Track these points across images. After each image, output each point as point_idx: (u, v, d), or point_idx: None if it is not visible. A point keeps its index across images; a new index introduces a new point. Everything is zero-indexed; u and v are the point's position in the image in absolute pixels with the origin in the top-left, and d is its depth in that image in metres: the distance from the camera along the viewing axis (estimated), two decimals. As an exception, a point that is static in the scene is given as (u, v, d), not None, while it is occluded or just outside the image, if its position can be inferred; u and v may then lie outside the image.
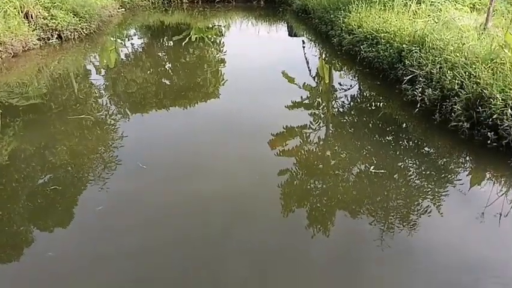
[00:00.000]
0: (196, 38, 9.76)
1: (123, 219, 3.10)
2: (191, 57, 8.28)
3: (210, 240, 2.86)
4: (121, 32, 10.56)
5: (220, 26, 11.60)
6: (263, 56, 8.26)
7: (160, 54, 8.70)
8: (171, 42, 9.67)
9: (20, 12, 7.72)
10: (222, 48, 9.05)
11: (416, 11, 6.96)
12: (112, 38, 9.63)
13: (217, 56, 8.42)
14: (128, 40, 9.78)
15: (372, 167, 3.63)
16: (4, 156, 4.03)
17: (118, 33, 10.34)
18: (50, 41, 8.20)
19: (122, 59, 8.10)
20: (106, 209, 3.19)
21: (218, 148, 4.27)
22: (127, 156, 4.02)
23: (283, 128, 4.64)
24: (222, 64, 7.78)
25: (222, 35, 10.55)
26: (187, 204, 3.27)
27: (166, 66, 7.75)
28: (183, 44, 9.13)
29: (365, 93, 5.92)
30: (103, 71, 7.38)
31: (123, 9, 12.36)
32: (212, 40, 9.73)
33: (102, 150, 4.19)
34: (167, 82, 6.75)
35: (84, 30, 8.84)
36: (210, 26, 11.48)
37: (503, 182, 3.50)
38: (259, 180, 3.64)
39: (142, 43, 9.60)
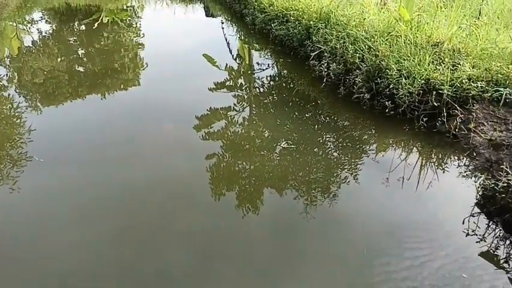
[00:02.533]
0: (108, 20, 8.91)
1: (41, 215, 2.78)
2: (106, 41, 7.56)
3: (142, 230, 2.71)
4: (22, 16, 9.25)
5: (133, 7, 10.73)
6: (182, 38, 7.82)
7: (70, 39, 7.80)
8: (82, 26, 8.73)
9: None
10: (138, 31, 8.40)
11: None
12: (11, 24, 8.40)
13: (135, 39, 7.80)
14: (32, 25, 8.61)
15: (285, 143, 3.65)
16: None
17: (18, 18, 9.04)
18: None
19: (26, 46, 7.11)
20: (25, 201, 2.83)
21: (141, 135, 3.98)
22: (38, 151, 3.56)
23: (208, 110, 4.47)
24: (140, 48, 7.22)
25: (137, 16, 9.79)
26: (113, 196, 3.04)
27: (78, 53, 6.98)
28: (94, 27, 8.28)
29: (280, 72, 5.90)
30: (4, 61, 6.43)
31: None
32: (127, 23, 8.97)
33: (7, 147, 3.68)
34: (81, 69, 6.11)
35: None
36: (122, 7, 10.55)
37: (402, 147, 3.73)
38: (186, 166, 3.46)
39: (48, 28, 8.50)
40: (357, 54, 4.49)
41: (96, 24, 8.38)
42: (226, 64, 6.14)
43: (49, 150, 3.65)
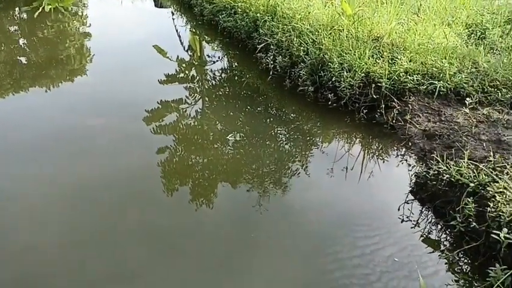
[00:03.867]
0: (51, 8, 8.00)
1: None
2: (49, 31, 6.80)
3: (94, 227, 2.50)
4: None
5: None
6: (131, 29, 7.21)
7: (9, 28, 6.94)
8: (23, 14, 7.77)
9: None
10: (84, 21, 7.64)
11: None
12: None
13: (80, 29, 7.09)
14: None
15: (230, 136, 3.49)
16: None
17: None
18: None
19: (-41, 36, 6.21)
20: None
21: (88, 129, 3.62)
22: None
23: (158, 103, 4.16)
24: (86, 38, 6.57)
25: (83, 5, 8.90)
26: (58, 193, 2.77)
27: (19, 42, 6.23)
28: (36, 15, 7.40)
29: (230, 64, 5.66)
30: None
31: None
32: (72, 12, 8.13)
33: None
34: (23, 60, 5.46)
35: None
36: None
37: (344, 138, 3.72)
38: (136, 161, 3.21)
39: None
40: (302, 48, 4.39)
41: (37, 13, 7.49)
42: (178, 56, 5.78)
43: None
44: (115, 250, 2.35)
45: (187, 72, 5.41)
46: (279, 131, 3.83)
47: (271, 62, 4.60)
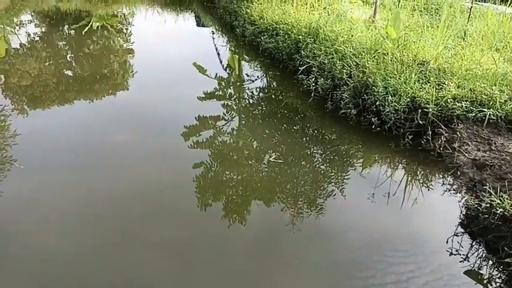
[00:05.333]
0: (98, 26, 8.79)
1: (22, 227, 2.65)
2: (95, 46, 7.44)
3: (126, 239, 2.62)
4: (10, 18, 9.03)
5: (124, 13, 10.63)
6: (173, 46, 7.77)
7: (59, 43, 7.66)
8: (72, 31, 8.58)
9: None
10: (128, 38, 8.30)
11: (313, 4, 7.10)
12: (-2, 26, 8.19)
13: (125, 45, 7.70)
14: (20, 28, 8.41)
15: (272, 157, 3.60)
16: None
17: (6, 19, 8.82)
18: None
19: (14, 48, 6.93)
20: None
21: (129, 143, 3.89)
22: (22, 156, 3.44)
23: (196, 119, 4.40)
24: (130, 54, 7.12)
25: (128, 23, 9.68)
26: (97, 204, 2.94)
27: (67, 57, 6.85)
28: (84, 32, 8.15)
29: (269, 84, 5.89)
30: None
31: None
32: (117, 29, 8.86)
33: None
34: (70, 74, 5.98)
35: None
36: (113, 13, 10.44)
37: (387, 163, 3.74)
38: (172, 175, 3.40)
39: (37, 31, 8.31)
40: (345, 70, 4.52)
41: (86, 29, 8.24)
42: (216, 74, 6.11)
43: (33, 155, 3.52)
44: (147, 261, 2.46)
45: (225, 89, 5.69)
46: (316, 152, 3.92)
47: (313, 84, 4.75)
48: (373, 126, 3.96)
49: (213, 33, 9.08)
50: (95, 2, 11.34)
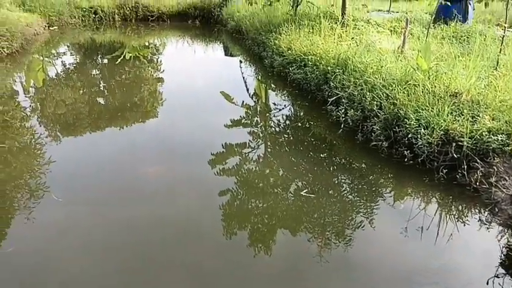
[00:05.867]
0: (131, 56, 9.37)
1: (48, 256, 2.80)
2: (127, 75, 7.91)
3: (152, 266, 2.71)
4: (49, 50, 9.78)
5: (156, 44, 11.28)
6: (201, 75, 8.16)
7: (92, 73, 8.20)
8: (105, 60, 9.18)
9: None
10: (159, 67, 8.78)
11: (341, 34, 7.32)
12: (38, 57, 8.87)
13: (155, 74, 8.14)
14: (57, 59, 9.08)
15: (304, 191, 3.64)
16: None
17: (45, 51, 9.56)
18: (-37, 60, 7.32)
19: (51, 78, 7.47)
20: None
21: (157, 170, 4.08)
22: (56, 183, 3.67)
23: (223, 146, 4.57)
24: (159, 83, 7.53)
25: (158, 53, 10.26)
26: (125, 231, 3.07)
27: (99, 86, 7.31)
28: (117, 62, 8.70)
29: (296, 114, 6.04)
30: (29, 92, 6.73)
31: (51, 28, 11.47)
32: (148, 58, 9.40)
33: (27, 177, 3.78)
34: (102, 102, 6.36)
35: (5, 49, 8.02)
36: (145, 44, 11.10)
37: (420, 197, 3.71)
38: (199, 202, 3.53)
39: (72, 62, 8.97)
40: (375, 102, 4.59)
41: (119, 60, 8.80)
42: (243, 101, 6.34)
43: (66, 183, 3.75)
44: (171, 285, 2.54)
45: (251, 117, 5.88)
46: (345, 182, 3.96)
47: (343, 115, 4.83)
48: (405, 159, 3.96)
49: (241, 63, 9.46)
50: (129, 34, 12.13)
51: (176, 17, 13.74)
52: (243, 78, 7.97)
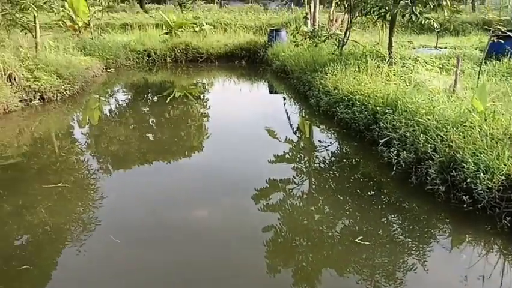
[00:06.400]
0: (180, 95, 9.97)
1: None
2: (175, 112, 8.41)
3: None
4: (105, 90, 10.69)
5: (204, 83, 11.93)
6: (245, 112, 8.52)
7: (143, 110, 8.80)
8: (155, 98, 9.83)
9: (3, 75, 7.71)
10: (205, 104, 9.24)
11: (388, 73, 7.35)
12: (95, 97, 9.71)
13: (201, 110, 8.58)
14: (112, 98, 9.89)
15: (358, 238, 3.58)
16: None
17: (101, 92, 10.45)
18: (32, 102, 8.14)
19: (105, 116, 8.13)
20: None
21: (200, 203, 4.26)
22: (107, 218, 3.94)
23: (267, 182, 4.67)
24: (205, 119, 7.93)
25: (206, 91, 10.83)
26: (170, 270, 3.18)
27: (149, 122, 7.82)
28: (167, 100, 9.28)
29: (343, 153, 6.07)
30: (85, 129, 7.36)
31: (108, 70, 12.57)
32: (196, 96, 9.95)
33: (81, 211, 4.08)
34: (151, 137, 6.78)
35: (67, 91, 8.84)
36: (193, 83, 11.78)
37: (482, 245, 3.53)
38: (243, 238, 3.62)
39: (125, 100, 9.73)
40: (429, 144, 4.50)
41: (169, 99, 9.40)
42: (286, 137, 6.50)
43: (116, 217, 3.99)
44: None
45: (295, 154, 5.98)
46: (397, 224, 3.88)
47: (395, 157, 4.77)
48: (464, 205, 3.82)
49: (284, 99, 9.73)
50: (179, 74, 12.97)
51: (224, 57, 14.52)
52: (287, 115, 8.18)
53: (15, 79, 7.93)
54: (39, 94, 8.27)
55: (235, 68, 13.92)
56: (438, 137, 4.53)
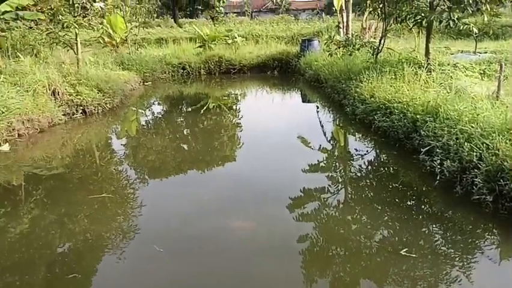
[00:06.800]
0: (214, 106, 10.14)
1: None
2: (208, 122, 8.57)
3: None
4: (142, 103, 11.09)
5: (237, 94, 12.08)
6: (278, 121, 8.55)
7: (178, 121, 9.03)
8: (190, 109, 10.06)
9: (48, 90, 8.19)
10: (238, 114, 9.35)
11: (427, 80, 7.14)
12: (133, 109, 10.08)
13: (234, 120, 8.68)
14: (149, 110, 10.23)
15: (404, 250, 3.46)
16: (25, 224, 4.05)
17: (139, 104, 10.85)
18: (75, 116, 8.58)
19: (142, 128, 8.42)
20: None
21: (234, 213, 4.29)
22: (146, 227, 4.05)
23: (301, 191, 4.64)
24: (238, 128, 8.01)
25: (238, 102, 10.96)
26: (205, 276, 3.22)
27: (184, 132, 8.01)
28: (201, 111, 9.47)
29: (381, 161, 5.94)
30: (124, 141, 7.64)
31: (145, 83, 13.03)
32: (229, 106, 10.09)
33: (121, 220, 4.21)
34: (185, 147, 6.93)
35: (107, 104, 9.25)
36: (227, 94, 11.97)
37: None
38: (278, 247, 3.60)
39: (161, 112, 10.04)
40: (474, 153, 4.31)
41: (203, 110, 9.59)
42: (320, 146, 6.44)
43: (152, 228, 4.07)
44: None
45: (330, 163, 5.92)
46: (440, 234, 3.74)
47: (438, 166, 4.61)
48: (514, 216, 3.62)
49: (317, 108, 9.66)
50: (213, 86, 13.24)
51: (256, 68, 14.69)
52: (321, 124, 8.13)
53: (58, 94, 8.40)
54: (81, 108, 8.71)
55: (267, 79, 14.03)
56: (484, 145, 4.35)
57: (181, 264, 3.44)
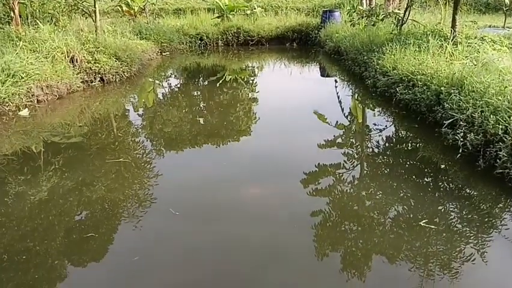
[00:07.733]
0: (230, 78, 10.08)
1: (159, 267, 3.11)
2: (224, 96, 8.53)
3: (243, 282, 2.85)
4: (159, 73, 11.10)
5: (254, 67, 11.96)
6: (295, 95, 8.44)
7: (195, 94, 9.03)
8: (206, 82, 10.04)
9: (67, 57, 8.29)
10: (254, 88, 9.28)
11: (452, 53, 6.89)
12: (150, 80, 10.12)
13: (250, 95, 8.63)
14: (166, 81, 10.24)
15: (423, 221, 3.46)
16: (44, 192, 4.20)
17: (156, 75, 10.87)
18: (93, 83, 8.69)
19: (159, 99, 8.46)
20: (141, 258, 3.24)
21: (250, 187, 4.31)
22: (162, 195, 4.13)
23: (316, 166, 4.62)
24: (254, 103, 7.96)
25: (255, 75, 10.85)
26: (218, 248, 3.28)
27: (200, 105, 8.02)
28: (217, 84, 9.44)
29: (401, 135, 5.83)
30: (141, 111, 7.71)
31: (163, 53, 13.02)
32: (245, 80, 10.01)
33: (137, 188, 4.31)
34: (201, 121, 6.95)
35: (125, 73, 9.30)
36: (244, 67, 11.85)
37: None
38: (290, 221, 3.63)
39: (178, 84, 10.04)
40: (500, 126, 4.21)
41: (219, 83, 9.55)
42: (337, 121, 6.35)
43: (170, 196, 4.16)
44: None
45: (346, 138, 5.85)
46: (456, 210, 3.69)
47: (461, 139, 4.53)
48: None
49: (336, 82, 9.48)
50: (230, 58, 13.12)
51: (275, 40, 14.43)
52: (338, 98, 7.99)
53: (77, 61, 8.51)
54: (99, 75, 8.81)
55: (286, 51, 13.79)
56: (511, 118, 4.23)
57: (195, 227, 3.53)
